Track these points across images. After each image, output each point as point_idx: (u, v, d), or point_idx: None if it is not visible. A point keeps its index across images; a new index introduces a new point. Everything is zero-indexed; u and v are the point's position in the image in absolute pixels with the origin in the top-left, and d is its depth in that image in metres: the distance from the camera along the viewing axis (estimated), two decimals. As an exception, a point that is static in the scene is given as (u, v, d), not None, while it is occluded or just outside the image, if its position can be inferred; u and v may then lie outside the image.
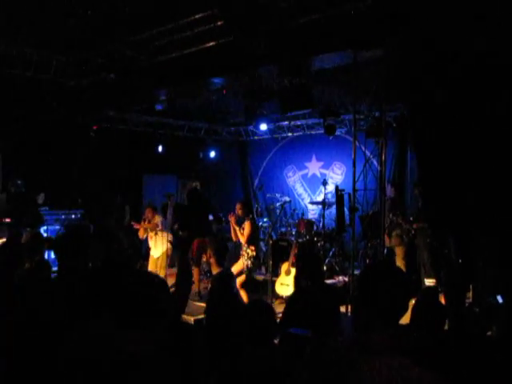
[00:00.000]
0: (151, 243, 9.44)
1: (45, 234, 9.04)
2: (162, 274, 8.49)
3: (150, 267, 9.30)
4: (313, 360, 2.06)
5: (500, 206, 5.23)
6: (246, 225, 8.22)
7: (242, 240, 8.20)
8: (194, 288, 9.03)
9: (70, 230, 3.94)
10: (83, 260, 3.64)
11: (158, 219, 9.39)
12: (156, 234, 9.36)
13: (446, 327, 3.65)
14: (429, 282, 7.95)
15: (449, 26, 5.04)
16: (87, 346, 2.33)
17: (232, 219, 8.30)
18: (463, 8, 4.91)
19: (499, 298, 5.23)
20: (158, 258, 9.40)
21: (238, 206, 8.74)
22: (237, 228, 8.34)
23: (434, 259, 8.05)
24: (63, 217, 9.99)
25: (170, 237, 9.53)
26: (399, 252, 8.38)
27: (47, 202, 9.95)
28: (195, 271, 9.24)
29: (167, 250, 9.36)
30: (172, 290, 4.36)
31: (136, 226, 9.50)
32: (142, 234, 9.45)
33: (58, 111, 9.16)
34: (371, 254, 8.47)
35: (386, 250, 7.97)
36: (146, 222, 9.37)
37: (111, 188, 10.92)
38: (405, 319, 2.24)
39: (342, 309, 7.15)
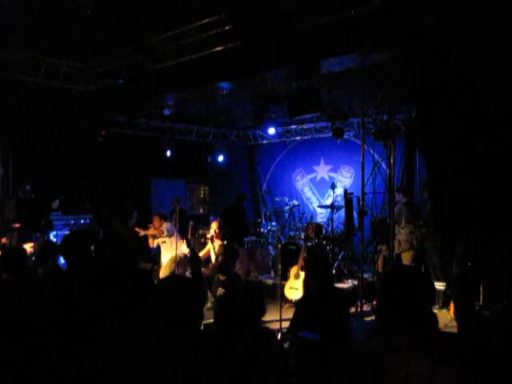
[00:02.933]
0: (163, 251, 9.34)
1: (54, 240, 9.08)
2: None
3: (161, 274, 8.98)
4: (341, 361, 2.07)
5: (510, 210, 5.19)
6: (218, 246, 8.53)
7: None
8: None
9: (72, 234, 3.99)
10: (88, 261, 3.68)
11: (164, 226, 9.29)
12: (164, 241, 9.27)
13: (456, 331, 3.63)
14: (439, 285, 7.90)
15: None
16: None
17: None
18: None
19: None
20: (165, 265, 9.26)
21: (214, 226, 8.92)
22: (211, 245, 8.69)
23: (443, 263, 8.00)
24: (72, 222, 10.02)
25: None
26: (407, 256, 8.32)
27: (59, 208, 10.00)
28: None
29: (175, 256, 9.11)
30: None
31: (141, 233, 9.47)
32: (151, 243, 9.41)
33: (67, 117, 9.21)
34: (381, 258, 8.43)
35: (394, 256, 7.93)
36: (152, 229, 9.33)
37: (120, 192, 10.95)
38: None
39: (352, 312, 7.14)
